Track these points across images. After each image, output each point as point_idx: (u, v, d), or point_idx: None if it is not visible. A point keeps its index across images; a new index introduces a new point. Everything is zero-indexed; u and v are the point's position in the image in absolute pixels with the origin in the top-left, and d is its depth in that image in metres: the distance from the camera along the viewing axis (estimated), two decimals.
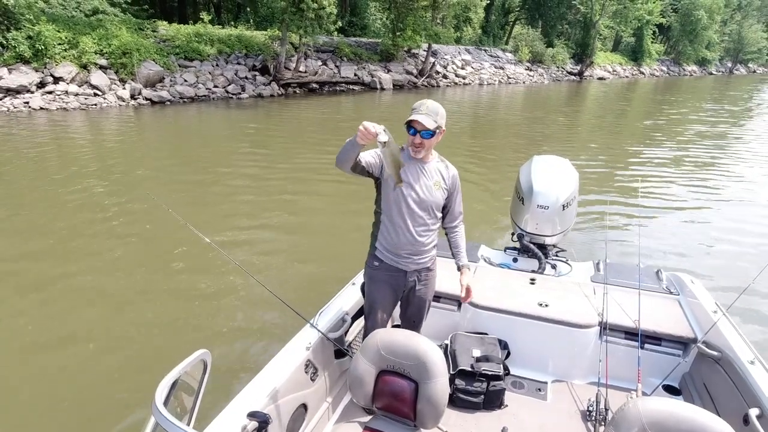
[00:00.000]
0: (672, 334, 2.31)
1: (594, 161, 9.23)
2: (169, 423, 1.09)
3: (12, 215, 5.49)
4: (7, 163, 7.58)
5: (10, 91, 12.08)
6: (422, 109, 1.88)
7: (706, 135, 12.96)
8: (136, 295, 3.85)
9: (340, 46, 20.73)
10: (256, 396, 1.70)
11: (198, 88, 15.55)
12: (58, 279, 4.08)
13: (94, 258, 4.45)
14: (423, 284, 2.12)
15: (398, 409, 1.70)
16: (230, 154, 8.94)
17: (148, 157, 8.50)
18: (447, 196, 2.07)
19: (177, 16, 20.86)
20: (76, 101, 12.83)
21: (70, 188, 6.37)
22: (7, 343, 3.21)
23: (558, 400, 2.29)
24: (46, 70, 12.81)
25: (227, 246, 4.80)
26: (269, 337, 3.30)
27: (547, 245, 2.97)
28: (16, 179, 6.81)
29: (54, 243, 4.77)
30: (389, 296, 2.11)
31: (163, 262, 4.39)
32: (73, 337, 3.29)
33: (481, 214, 5.98)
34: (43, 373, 2.91)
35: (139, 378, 2.84)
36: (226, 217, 5.64)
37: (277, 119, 13.19)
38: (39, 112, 11.95)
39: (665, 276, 2.80)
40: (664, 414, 1.32)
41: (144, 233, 5.06)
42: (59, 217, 5.45)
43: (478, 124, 14.03)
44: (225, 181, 7.05)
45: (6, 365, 3.01)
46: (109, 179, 6.90)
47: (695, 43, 47.42)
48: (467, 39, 30.21)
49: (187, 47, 16.14)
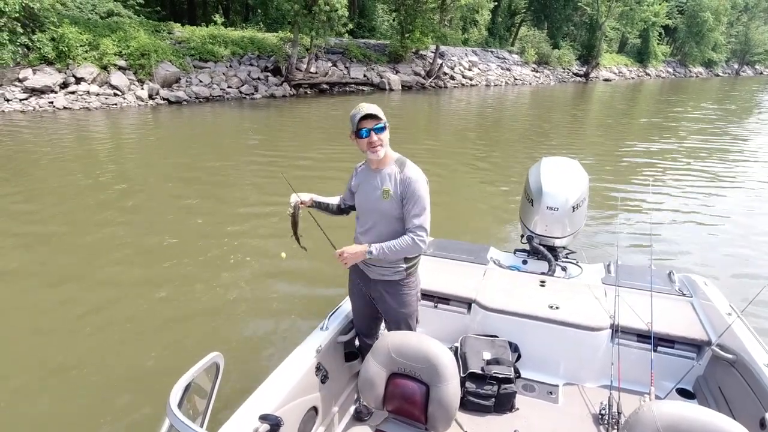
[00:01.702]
0: (685, 336, 2.23)
1: (604, 162, 9.03)
2: (183, 425, 1.09)
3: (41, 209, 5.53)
4: (43, 157, 7.67)
5: (35, 91, 12.25)
6: (362, 108, 1.78)
7: (719, 136, 12.59)
8: (148, 295, 3.80)
9: (349, 47, 20.68)
10: (267, 399, 1.67)
11: (213, 88, 15.62)
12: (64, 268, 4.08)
13: (98, 256, 4.44)
14: (391, 298, 1.94)
15: (409, 412, 1.66)
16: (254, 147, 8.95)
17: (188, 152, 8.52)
18: (400, 200, 1.81)
19: (187, 18, 20.86)
20: (98, 101, 12.96)
21: (104, 188, 6.42)
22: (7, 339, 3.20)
23: (569, 404, 2.21)
24: (68, 70, 12.96)
25: (239, 236, 4.79)
26: (280, 340, 3.26)
27: (557, 247, 2.88)
28: (53, 174, 6.87)
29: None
30: (363, 300, 2.05)
31: (173, 267, 4.32)
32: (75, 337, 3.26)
33: (490, 215, 5.88)
34: (54, 375, 2.87)
35: (153, 378, 2.82)
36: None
37: (298, 116, 13.19)
38: (63, 111, 12.10)
39: (678, 277, 2.70)
40: (679, 418, 1.26)
41: (156, 234, 5.04)
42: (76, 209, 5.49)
43: (485, 125, 13.88)
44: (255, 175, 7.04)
45: (7, 361, 2.99)
46: (132, 178, 6.93)
47: (701, 45, 46.43)
48: (473, 41, 29.93)
49: (202, 49, 16.23)
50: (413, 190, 1.78)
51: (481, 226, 5.38)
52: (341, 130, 11.19)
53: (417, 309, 2.08)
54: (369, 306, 2.05)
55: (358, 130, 1.78)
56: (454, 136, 11.87)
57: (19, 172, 7.01)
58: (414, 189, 1.78)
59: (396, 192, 1.81)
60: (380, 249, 1.83)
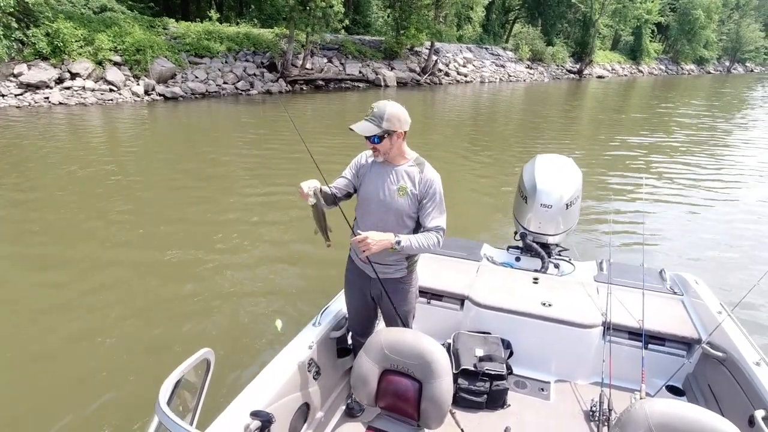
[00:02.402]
0: (676, 334, 2.22)
1: (598, 160, 8.99)
2: (172, 422, 1.06)
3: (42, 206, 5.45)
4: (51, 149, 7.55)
5: (30, 86, 12.03)
6: (368, 114, 1.72)
7: (711, 134, 12.61)
8: (137, 290, 3.75)
9: (345, 43, 20.47)
10: (258, 395, 1.65)
11: (209, 84, 15.43)
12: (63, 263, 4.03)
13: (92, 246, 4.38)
14: (392, 296, 1.89)
15: (402, 408, 1.63)
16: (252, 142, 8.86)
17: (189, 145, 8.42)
18: (418, 204, 1.79)
19: (180, 13, 20.44)
20: (93, 96, 12.77)
21: (100, 179, 6.34)
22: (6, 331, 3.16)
23: (561, 400, 2.21)
24: (63, 66, 12.73)
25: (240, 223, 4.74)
26: (272, 336, 3.21)
27: (550, 244, 2.86)
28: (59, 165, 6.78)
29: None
30: (361, 299, 2.00)
31: (166, 259, 4.28)
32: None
33: (483, 212, 5.84)
34: (44, 371, 2.82)
35: (144, 369, 2.78)
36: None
37: (295, 113, 13.10)
38: (58, 107, 11.92)
39: (669, 276, 2.70)
40: (671, 416, 1.25)
41: (149, 229, 4.98)
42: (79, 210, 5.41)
43: (480, 122, 13.83)
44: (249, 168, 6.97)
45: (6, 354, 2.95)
46: (128, 171, 6.84)
47: (693, 42, 46.45)
48: (468, 37, 29.76)
49: (197, 45, 16.00)
50: (434, 191, 1.80)
51: (474, 223, 5.33)
52: (340, 123, 11.13)
53: (415, 306, 2.06)
54: (367, 306, 2.02)
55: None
56: (448, 132, 11.81)
57: (14, 165, 6.92)
58: (435, 190, 1.80)
59: (414, 191, 1.78)
60: (408, 242, 1.74)
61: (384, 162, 1.83)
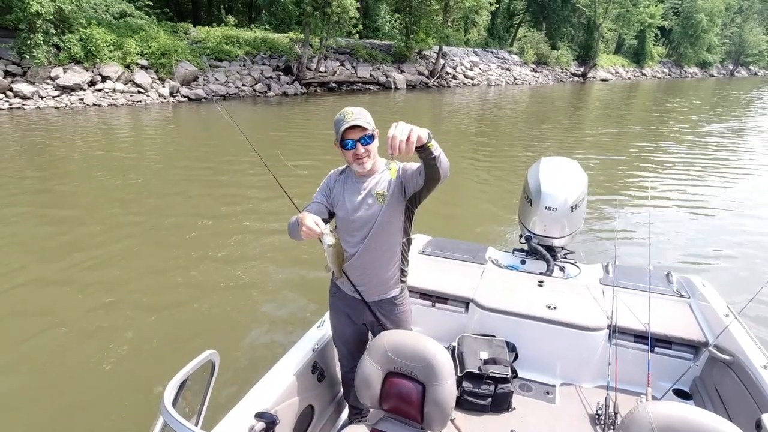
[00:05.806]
0: (683, 337, 2.09)
1: (603, 162, 8.68)
2: (177, 423, 1.00)
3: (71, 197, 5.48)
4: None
5: (66, 88, 12.23)
6: (348, 117, 1.48)
7: (716, 136, 12.14)
8: (144, 290, 3.65)
9: (356, 47, 20.36)
10: (263, 397, 1.58)
11: (228, 86, 15.50)
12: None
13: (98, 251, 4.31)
14: (387, 319, 1.71)
15: (405, 411, 1.56)
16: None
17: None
18: (401, 184, 1.56)
19: (191, 18, 20.35)
20: (123, 98, 12.93)
21: (124, 175, 6.36)
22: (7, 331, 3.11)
23: (566, 404, 2.10)
24: (95, 69, 12.91)
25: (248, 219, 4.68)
26: (276, 338, 3.12)
27: (556, 247, 2.73)
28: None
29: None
30: (349, 327, 1.78)
31: (171, 261, 4.17)
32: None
33: (488, 215, 5.66)
34: (45, 371, 2.75)
35: (150, 374, 2.70)
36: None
37: (308, 113, 13.02)
38: (92, 107, 12.10)
39: (675, 279, 2.55)
40: (675, 419, 1.19)
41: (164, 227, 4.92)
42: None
43: (486, 124, 13.57)
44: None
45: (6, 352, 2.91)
46: (146, 172, 6.86)
47: (696, 46, 45.01)
48: (473, 41, 29.27)
49: (217, 49, 16.08)
50: (402, 164, 1.59)
51: (479, 226, 5.19)
52: None
53: (411, 323, 1.85)
54: (356, 335, 1.80)
55: (343, 140, 1.50)
56: (454, 134, 11.61)
57: (50, 161, 7.02)
58: (403, 163, 1.59)
59: (390, 188, 1.57)
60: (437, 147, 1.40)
61: (352, 177, 1.62)
